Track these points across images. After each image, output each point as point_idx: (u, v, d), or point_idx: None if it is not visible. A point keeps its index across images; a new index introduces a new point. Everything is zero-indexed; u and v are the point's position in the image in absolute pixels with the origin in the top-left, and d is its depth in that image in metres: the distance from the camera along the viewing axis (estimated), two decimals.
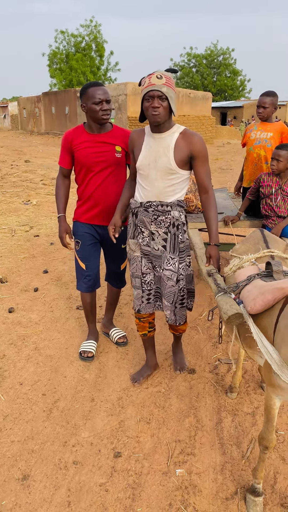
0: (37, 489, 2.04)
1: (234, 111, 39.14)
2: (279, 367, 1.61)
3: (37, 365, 3.00)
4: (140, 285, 2.65)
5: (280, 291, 1.70)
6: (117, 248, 3.00)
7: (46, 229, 6.41)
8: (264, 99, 3.56)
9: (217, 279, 2.17)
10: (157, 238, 2.49)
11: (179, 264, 2.50)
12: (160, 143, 2.33)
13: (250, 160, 3.80)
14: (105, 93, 2.62)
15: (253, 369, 3.02)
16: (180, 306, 2.61)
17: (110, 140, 2.75)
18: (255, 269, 2.05)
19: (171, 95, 2.22)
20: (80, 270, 3.03)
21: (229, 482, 2.11)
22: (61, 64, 39.11)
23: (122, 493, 2.03)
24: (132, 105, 23.56)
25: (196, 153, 2.32)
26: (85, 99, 2.63)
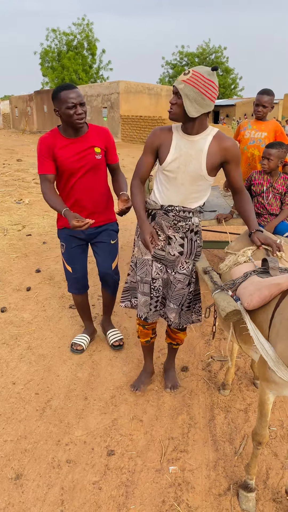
0: (30, 488, 2.04)
1: (227, 110, 39.21)
2: (275, 364, 1.62)
3: (29, 364, 3.00)
4: (149, 292, 2.50)
5: (276, 287, 1.71)
6: (106, 244, 2.94)
7: (38, 228, 6.39)
8: (263, 98, 3.53)
9: (213, 276, 2.17)
10: (174, 243, 2.37)
11: (192, 266, 2.45)
12: (193, 147, 2.16)
13: (243, 160, 3.81)
14: (78, 96, 2.50)
15: (245, 366, 3.03)
16: (186, 309, 2.54)
17: (88, 143, 2.67)
18: (251, 266, 2.06)
19: (187, 93, 2.00)
20: (68, 273, 3.03)
21: (222, 478, 2.12)
22: (53, 62, 38.99)
23: (115, 491, 2.03)
24: (125, 103, 23.54)
25: (229, 158, 2.18)
26: (58, 104, 2.51)
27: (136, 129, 22.63)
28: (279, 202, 3.28)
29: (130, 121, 22.99)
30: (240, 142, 3.85)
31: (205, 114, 2.11)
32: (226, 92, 46.61)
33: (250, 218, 2.29)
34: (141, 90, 24.10)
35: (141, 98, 24.14)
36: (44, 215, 7.13)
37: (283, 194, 3.26)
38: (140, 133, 22.37)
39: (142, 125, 22.17)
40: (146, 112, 23.80)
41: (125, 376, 2.89)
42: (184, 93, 2.01)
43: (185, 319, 2.58)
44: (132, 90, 23.68)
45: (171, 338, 2.74)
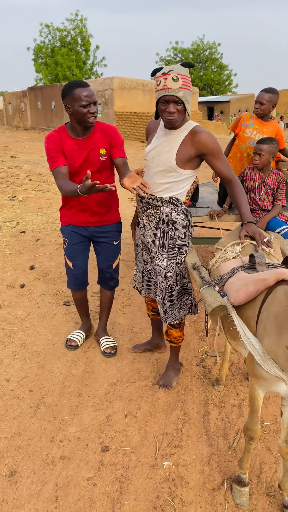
0: (24, 484, 2.04)
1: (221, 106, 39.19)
2: (261, 358, 1.63)
3: (23, 361, 2.99)
4: (142, 271, 2.73)
5: (262, 282, 1.71)
6: (109, 245, 2.93)
7: (32, 225, 6.37)
8: (263, 95, 3.52)
9: (202, 272, 2.18)
10: (148, 231, 2.52)
11: (168, 261, 2.48)
12: (169, 139, 2.32)
13: (239, 157, 3.79)
14: (93, 95, 2.48)
15: (239, 361, 3.04)
16: (169, 304, 2.56)
17: (94, 144, 2.64)
18: (239, 262, 2.06)
19: (187, 98, 2.17)
20: (68, 269, 3.02)
21: (216, 473, 2.13)
22: (46, 58, 38.76)
23: (109, 487, 2.04)
24: (119, 99, 23.46)
25: (203, 150, 2.26)
26: (71, 101, 2.47)
27: (131, 125, 22.57)
28: (271, 198, 3.28)
29: (124, 117, 22.92)
30: (238, 137, 3.79)
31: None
32: (220, 89, 46.57)
33: (242, 209, 2.35)
34: (135, 86, 24.02)
35: (135, 94, 24.07)
36: (38, 212, 7.10)
37: (275, 190, 3.26)
38: (135, 129, 22.31)
39: (137, 121, 22.11)
40: (141, 108, 23.73)
41: (119, 373, 2.89)
42: (185, 99, 2.16)
43: (171, 315, 2.59)
44: (126, 86, 23.60)
45: (166, 334, 2.75)
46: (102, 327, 3.24)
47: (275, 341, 1.60)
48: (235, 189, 2.38)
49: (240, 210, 2.36)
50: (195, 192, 4.07)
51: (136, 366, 2.97)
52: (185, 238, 2.48)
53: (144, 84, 24.49)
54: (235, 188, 2.38)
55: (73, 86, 2.46)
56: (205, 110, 39.53)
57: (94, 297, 3.98)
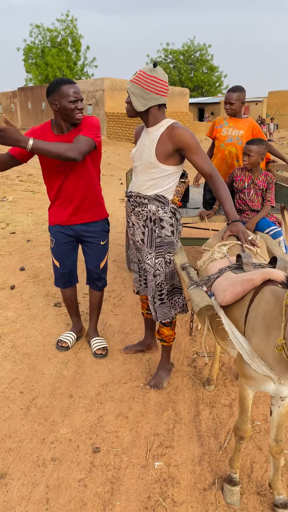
0: (15, 487, 2.03)
1: (212, 107, 39.35)
2: (249, 357, 1.64)
3: (14, 363, 2.98)
4: (138, 270, 2.78)
5: (249, 282, 1.73)
6: (96, 245, 2.93)
7: (22, 226, 6.34)
8: (230, 95, 3.58)
9: (190, 272, 2.19)
10: (136, 230, 2.57)
11: (156, 259, 2.50)
12: (148, 137, 2.39)
13: (220, 157, 3.81)
14: (79, 91, 2.54)
15: (230, 361, 3.06)
16: (160, 302, 2.57)
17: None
18: (226, 262, 2.08)
19: (133, 91, 2.28)
20: (55, 268, 3.02)
21: (207, 473, 2.14)
22: (37, 59, 38.61)
23: (101, 488, 2.04)
24: (110, 100, 23.44)
25: (180, 145, 2.29)
26: (58, 97, 2.49)
27: (122, 126, 22.56)
28: (261, 199, 3.31)
29: (115, 118, 22.91)
30: (216, 140, 3.84)
31: (156, 107, 2.33)
32: (211, 90, 46.76)
33: (226, 207, 2.37)
34: (126, 87, 24.01)
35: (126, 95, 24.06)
36: (28, 213, 7.07)
37: (264, 190, 3.28)
38: (126, 130, 22.31)
39: (128, 122, 22.11)
40: None
41: (111, 374, 2.89)
42: (130, 91, 2.29)
43: (162, 314, 2.60)
44: (117, 87, 23.60)
45: (157, 333, 2.76)
46: (93, 328, 3.23)
47: (263, 340, 1.61)
48: (217, 184, 2.37)
49: (225, 208, 2.37)
50: (186, 193, 4.09)
51: (127, 367, 2.97)
52: (173, 237, 2.49)
53: None
54: (217, 184, 2.37)
55: (60, 83, 2.50)
56: (195, 111, 39.67)
57: (85, 298, 3.97)
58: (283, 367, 1.56)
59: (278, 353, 1.52)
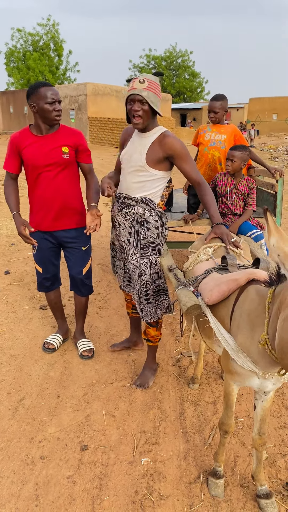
0: (4, 485, 2.06)
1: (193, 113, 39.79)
2: (235, 353, 1.72)
3: (1, 365, 3.00)
4: (123, 267, 2.86)
5: (234, 282, 1.81)
6: (77, 250, 2.96)
7: (6, 230, 6.33)
8: (214, 104, 3.71)
9: (177, 274, 2.27)
10: (123, 230, 2.64)
11: (141, 260, 2.58)
12: (141, 141, 2.50)
13: (204, 161, 3.92)
14: (57, 94, 2.63)
15: (214, 361, 3.14)
16: (146, 302, 2.64)
17: (56, 142, 2.71)
18: (212, 263, 2.17)
19: (152, 99, 2.35)
20: (38, 273, 3.06)
21: (192, 467, 2.21)
22: (18, 62, 38.41)
23: (89, 484, 2.08)
24: (92, 105, 23.50)
25: (171, 152, 2.43)
26: (36, 99, 2.58)
27: (104, 131, 22.64)
28: (243, 203, 3.41)
29: (98, 123, 22.98)
30: (200, 145, 3.96)
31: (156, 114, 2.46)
32: (192, 96, 47.27)
33: (211, 211, 2.51)
34: (108, 92, 24.13)
35: (109, 100, 24.18)
36: (11, 217, 7.05)
37: (246, 195, 3.40)
38: (109, 135, 22.40)
39: (110, 127, 22.20)
40: (114, 114, 23.85)
41: (97, 374, 2.94)
42: (150, 100, 2.34)
43: (147, 314, 2.67)
44: (100, 92, 23.69)
45: (144, 334, 2.83)
46: (79, 330, 3.27)
47: (248, 337, 1.69)
48: (204, 191, 2.52)
49: (209, 212, 2.52)
50: (170, 197, 4.18)
51: (114, 368, 3.03)
52: (158, 239, 2.58)
53: (118, 90, 24.65)
54: (204, 190, 2.52)
55: (38, 85, 2.60)
56: (178, 117, 40.04)
57: (71, 301, 4.01)
58: (267, 362, 1.64)
59: (262, 348, 1.60)
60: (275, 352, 1.50)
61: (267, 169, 3.89)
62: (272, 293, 1.54)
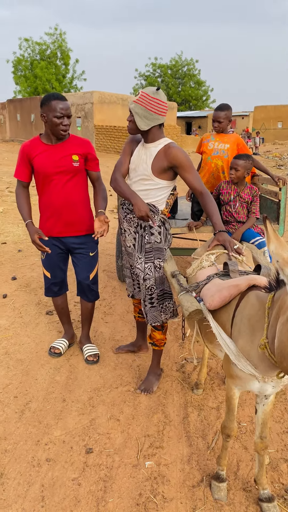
0: (11, 486, 2.10)
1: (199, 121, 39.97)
2: (236, 357, 1.76)
3: (8, 369, 3.05)
4: (130, 275, 2.93)
5: (235, 288, 1.86)
6: (85, 256, 3.01)
7: (13, 236, 6.42)
8: (219, 114, 3.77)
9: (180, 279, 2.32)
10: (128, 236, 2.72)
11: (145, 264, 2.65)
12: (146, 152, 2.59)
13: (207, 169, 3.98)
14: (67, 108, 2.68)
15: (217, 366, 3.18)
16: (150, 305, 2.70)
17: (66, 150, 2.79)
18: (214, 270, 2.21)
19: (137, 111, 2.46)
20: (46, 278, 3.12)
21: (196, 471, 2.24)
22: (25, 71, 38.89)
23: (94, 486, 2.12)
24: (99, 113, 23.70)
25: (175, 163, 2.51)
26: (47, 110, 2.67)
27: (110, 139, 22.81)
28: (246, 211, 3.46)
29: (104, 131, 23.16)
30: (203, 154, 4.01)
31: (157, 126, 2.54)
32: (198, 104, 47.53)
33: (213, 218, 2.57)
34: (115, 101, 24.35)
35: (115, 109, 24.38)
36: (19, 223, 7.15)
37: (249, 203, 3.44)
38: (114, 143, 22.56)
39: (116, 135, 22.38)
40: (120, 122, 24.03)
41: (102, 379, 2.98)
42: (134, 111, 2.47)
43: (152, 317, 2.73)
44: (106, 100, 23.90)
45: (149, 337, 2.88)
46: (85, 335, 3.32)
47: (248, 341, 1.74)
48: (206, 201, 2.59)
49: (212, 220, 2.58)
50: (174, 204, 4.23)
51: (118, 372, 3.07)
52: (161, 243, 2.65)
53: (124, 98, 24.85)
54: (206, 200, 2.59)
55: (51, 97, 2.68)
56: (183, 125, 40.24)
57: (76, 306, 4.07)
58: (266, 366, 1.68)
59: (262, 352, 1.65)
60: (274, 356, 1.55)
61: (271, 177, 3.94)
62: (271, 299, 1.58)
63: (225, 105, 3.78)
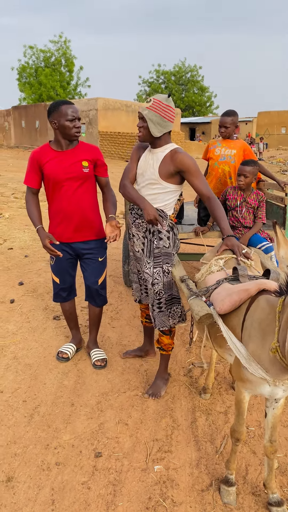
0: (22, 489, 2.11)
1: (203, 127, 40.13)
2: (246, 361, 1.78)
3: (16, 373, 3.07)
4: (138, 280, 2.97)
5: (245, 292, 1.88)
6: (94, 261, 3.04)
7: (20, 242, 6.46)
8: (225, 119, 3.81)
9: (189, 284, 2.34)
10: (136, 241, 2.76)
11: (154, 268, 2.67)
12: (153, 157, 2.64)
13: (214, 175, 4.00)
14: (77, 111, 2.77)
15: (225, 371, 3.18)
16: (158, 310, 2.72)
17: (76, 156, 2.83)
18: (223, 274, 2.23)
19: (151, 118, 2.49)
20: (55, 284, 3.14)
21: (204, 475, 2.25)
22: (30, 78, 39.24)
23: (103, 490, 2.13)
24: (103, 119, 23.85)
25: (181, 167, 2.55)
26: (57, 116, 2.72)
27: (115, 145, 22.94)
28: (252, 216, 3.48)
29: (108, 137, 23.30)
30: (210, 159, 4.05)
31: (167, 133, 2.59)
32: (201, 110, 47.73)
33: (221, 223, 2.60)
34: (119, 107, 24.51)
35: (119, 115, 24.53)
36: (25, 229, 7.19)
37: (255, 208, 3.46)
38: (119, 149, 22.68)
39: (121, 141, 22.50)
40: (124, 128, 24.17)
41: (110, 383, 2.99)
42: (148, 118, 2.47)
43: (160, 322, 2.75)
44: (110, 107, 24.06)
45: (157, 342, 2.89)
46: (93, 340, 3.33)
47: (259, 345, 1.75)
48: (214, 206, 2.62)
49: (220, 226, 2.61)
50: (181, 210, 4.26)
51: (126, 377, 3.08)
52: (170, 248, 2.69)
53: (128, 105, 25.01)
54: (214, 205, 2.62)
55: (60, 103, 2.75)
56: (187, 131, 40.39)
57: (83, 311, 4.09)
58: (277, 369, 1.69)
59: (273, 356, 1.66)
60: (285, 359, 1.56)
61: (277, 183, 3.96)
62: (282, 303, 1.60)
63: (231, 111, 3.82)
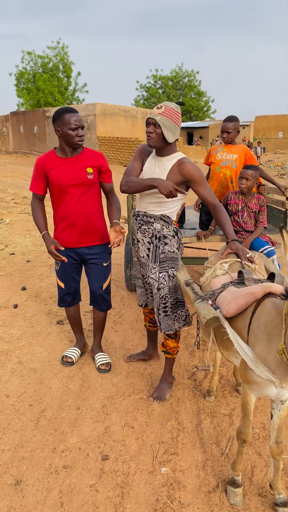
0: (30, 492, 2.13)
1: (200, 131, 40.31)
2: (253, 363, 1.81)
3: (21, 378, 3.09)
4: (143, 285, 3.00)
5: (251, 296, 1.91)
6: (99, 266, 3.06)
7: (21, 247, 6.49)
8: (227, 125, 3.87)
9: (194, 288, 2.37)
10: (141, 246, 2.78)
11: (160, 273, 2.70)
12: (159, 165, 2.67)
13: (216, 179, 4.05)
14: (80, 120, 2.79)
15: (228, 374, 3.21)
16: (164, 314, 2.76)
17: (81, 163, 2.87)
18: (229, 278, 2.27)
19: (165, 123, 2.52)
20: (60, 289, 3.17)
21: (211, 477, 2.27)
22: (28, 84, 39.39)
23: (111, 492, 2.15)
24: (101, 125, 23.95)
25: (188, 177, 2.60)
26: (61, 124, 2.75)
27: (113, 150, 23.03)
28: (254, 220, 3.52)
29: (107, 142, 23.40)
30: (212, 164, 4.10)
31: (176, 140, 2.61)
32: (199, 115, 47.95)
33: (226, 228, 2.65)
34: (117, 112, 24.62)
35: (118, 120, 24.65)
36: (26, 234, 7.23)
37: (257, 212, 3.51)
38: (117, 153, 22.77)
39: (119, 146, 22.59)
40: (122, 133, 24.28)
41: (115, 387, 3.02)
42: (162, 123, 2.50)
43: (166, 326, 2.79)
44: (109, 112, 24.18)
45: (162, 345, 2.92)
46: (97, 344, 3.36)
47: (266, 347, 1.78)
48: (219, 213, 2.68)
49: (225, 230, 2.66)
50: (182, 214, 4.29)
51: (131, 381, 3.11)
52: (175, 253, 2.73)
53: (126, 110, 25.14)
54: (219, 212, 2.68)
55: (64, 111, 2.77)
56: (185, 135, 40.56)
57: (87, 316, 4.11)
58: (284, 371, 1.73)
59: (280, 357, 1.69)
60: None
61: (277, 187, 4.01)
62: None
63: (233, 117, 3.87)
